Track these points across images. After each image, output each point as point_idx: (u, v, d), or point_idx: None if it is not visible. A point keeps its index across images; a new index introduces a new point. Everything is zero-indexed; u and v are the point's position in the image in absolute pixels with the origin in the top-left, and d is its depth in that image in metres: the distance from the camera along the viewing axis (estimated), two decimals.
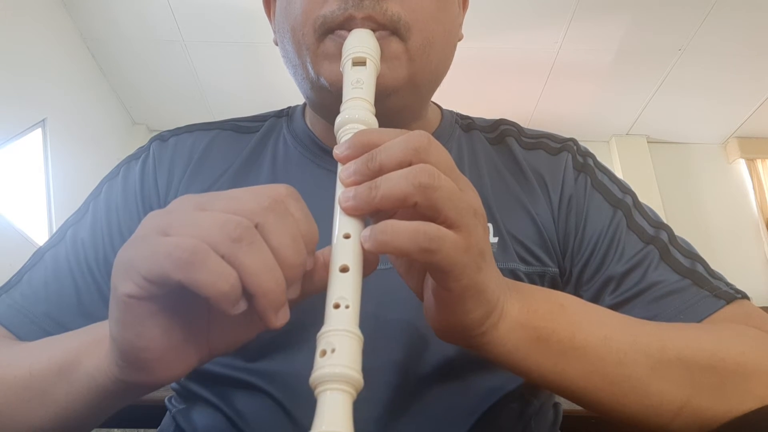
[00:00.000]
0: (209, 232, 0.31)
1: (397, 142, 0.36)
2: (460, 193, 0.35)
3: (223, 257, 0.31)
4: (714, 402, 0.43)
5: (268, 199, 0.34)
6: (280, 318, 0.33)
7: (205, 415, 0.54)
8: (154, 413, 0.64)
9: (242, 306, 0.32)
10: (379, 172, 0.35)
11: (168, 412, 0.60)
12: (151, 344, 0.34)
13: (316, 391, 0.31)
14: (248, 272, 0.31)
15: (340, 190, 0.37)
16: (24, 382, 0.43)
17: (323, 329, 0.33)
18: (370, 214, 0.37)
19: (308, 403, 0.32)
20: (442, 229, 0.34)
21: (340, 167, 0.38)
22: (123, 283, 0.32)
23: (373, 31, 0.53)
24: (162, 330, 0.34)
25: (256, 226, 0.33)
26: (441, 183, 0.34)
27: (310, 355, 0.32)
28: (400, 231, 0.33)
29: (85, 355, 0.41)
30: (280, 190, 0.35)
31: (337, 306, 0.34)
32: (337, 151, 0.38)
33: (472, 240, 0.35)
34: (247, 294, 0.32)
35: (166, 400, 0.60)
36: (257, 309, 0.32)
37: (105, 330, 0.37)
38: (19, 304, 0.55)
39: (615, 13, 2.51)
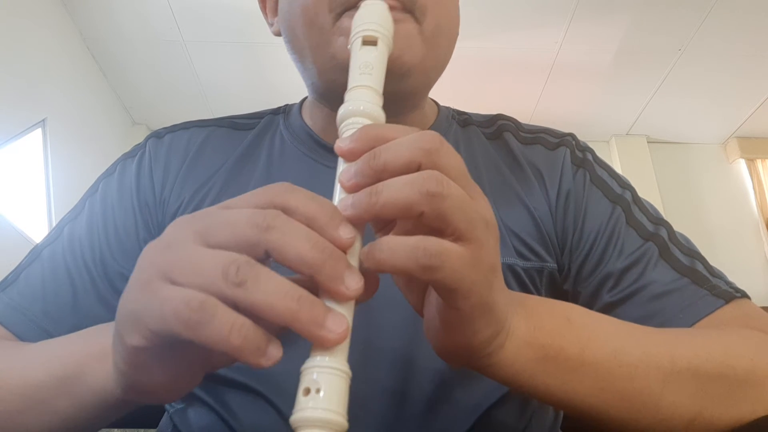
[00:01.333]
0: (213, 280, 0.29)
1: (406, 140, 0.33)
2: (471, 202, 0.32)
3: (232, 304, 0.29)
4: (725, 411, 0.42)
5: (263, 216, 0.31)
6: (332, 327, 0.30)
7: (201, 415, 0.54)
8: (153, 413, 0.64)
9: (275, 356, 0.29)
10: (383, 172, 0.32)
11: (166, 412, 0.60)
12: (160, 381, 0.34)
13: None
14: (263, 308, 0.29)
15: (338, 194, 0.34)
16: (21, 390, 0.43)
17: (309, 362, 0.30)
18: (373, 225, 0.35)
19: None
20: (445, 243, 0.31)
21: (339, 167, 0.35)
22: (131, 336, 0.31)
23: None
24: (169, 368, 0.34)
25: (265, 250, 0.30)
26: (451, 191, 0.31)
27: (300, 353, 0.31)
28: (398, 248, 0.31)
29: (87, 369, 0.41)
30: (276, 190, 0.33)
31: None
32: (341, 144, 0.34)
33: (483, 254, 0.32)
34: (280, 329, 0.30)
35: None
36: (302, 335, 0.29)
37: (106, 342, 0.37)
38: (16, 303, 0.55)
39: (615, 13, 2.50)
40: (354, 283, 0.30)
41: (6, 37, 2.15)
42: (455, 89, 2.18)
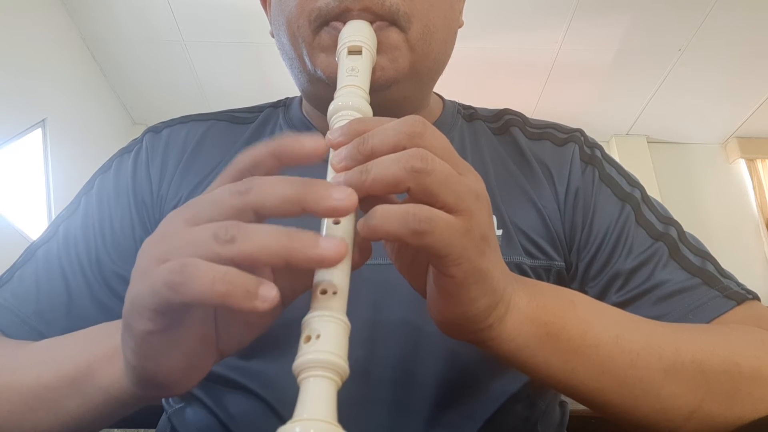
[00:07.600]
0: (203, 245, 0.30)
1: (391, 126, 0.34)
2: (458, 176, 0.34)
3: (225, 261, 0.30)
4: (726, 407, 0.42)
5: (242, 183, 0.32)
6: (327, 245, 0.30)
7: (199, 416, 0.53)
8: (152, 414, 0.64)
9: (268, 296, 0.29)
10: (371, 156, 0.34)
11: (164, 413, 0.59)
12: (171, 368, 0.34)
13: (299, 378, 0.30)
14: (258, 253, 0.30)
15: (331, 175, 0.36)
16: (32, 391, 0.43)
17: (308, 315, 0.32)
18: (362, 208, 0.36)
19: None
20: (435, 210, 0.32)
21: (331, 153, 0.36)
22: (138, 322, 0.32)
23: (371, 22, 0.51)
24: (179, 353, 0.34)
25: (252, 211, 0.32)
26: (435, 167, 0.33)
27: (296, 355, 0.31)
28: (390, 214, 0.32)
29: (98, 370, 0.41)
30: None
31: (324, 292, 0.32)
32: (331, 137, 0.36)
33: (473, 224, 0.34)
34: (280, 273, 0.34)
35: (162, 400, 0.59)
36: (301, 264, 0.30)
37: (115, 342, 0.37)
38: (9, 303, 0.54)
39: (615, 13, 2.50)
40: (343, 194, 0.31)
41: (6, 37, 2.15)
42: (455, 89, 2.17)
